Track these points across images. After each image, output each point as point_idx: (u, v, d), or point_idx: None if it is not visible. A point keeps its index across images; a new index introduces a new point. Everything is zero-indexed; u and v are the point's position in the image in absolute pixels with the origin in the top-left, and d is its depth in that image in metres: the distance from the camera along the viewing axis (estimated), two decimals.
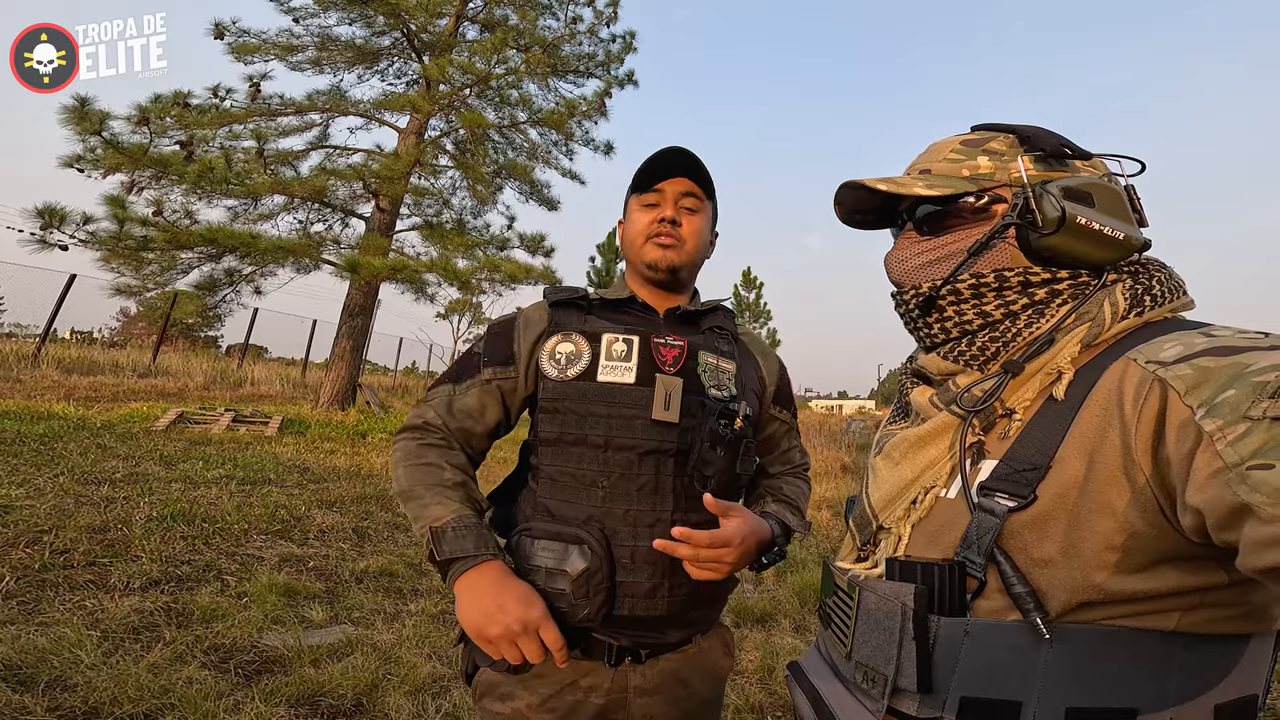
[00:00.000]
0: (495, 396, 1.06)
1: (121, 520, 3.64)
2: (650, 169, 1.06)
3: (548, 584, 0.92)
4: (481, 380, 1.06)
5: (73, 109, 7.16)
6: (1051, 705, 0.53)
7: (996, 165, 0.68)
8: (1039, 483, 0.57)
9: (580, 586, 0.91)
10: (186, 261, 9.04)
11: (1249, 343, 0.51)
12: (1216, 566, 0.52)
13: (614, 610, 0.93)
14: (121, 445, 5.78)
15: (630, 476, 0.96)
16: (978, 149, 0.69)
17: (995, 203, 0.67)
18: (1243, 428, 0.44)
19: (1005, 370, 0.64)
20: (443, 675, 2.44)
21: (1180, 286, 0.65)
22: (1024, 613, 0.55)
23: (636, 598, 0.94)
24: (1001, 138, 0.69)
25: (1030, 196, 0.64)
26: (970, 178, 0.68)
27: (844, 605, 0.68)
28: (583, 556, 0.92)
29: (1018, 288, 0.65)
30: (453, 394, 1.07)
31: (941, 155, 0.71)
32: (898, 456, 0.71)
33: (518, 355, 1.06)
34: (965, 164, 0.69)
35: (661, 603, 0.95)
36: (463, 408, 1.06)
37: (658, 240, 1.06)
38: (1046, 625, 0.54)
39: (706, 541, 0.90)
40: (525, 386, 1.06)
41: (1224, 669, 0.54)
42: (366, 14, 10.07)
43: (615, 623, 0.95)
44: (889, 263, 0.76)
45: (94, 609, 2.56)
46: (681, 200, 1.07)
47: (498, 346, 1.07)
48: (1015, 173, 0.67)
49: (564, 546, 0.93)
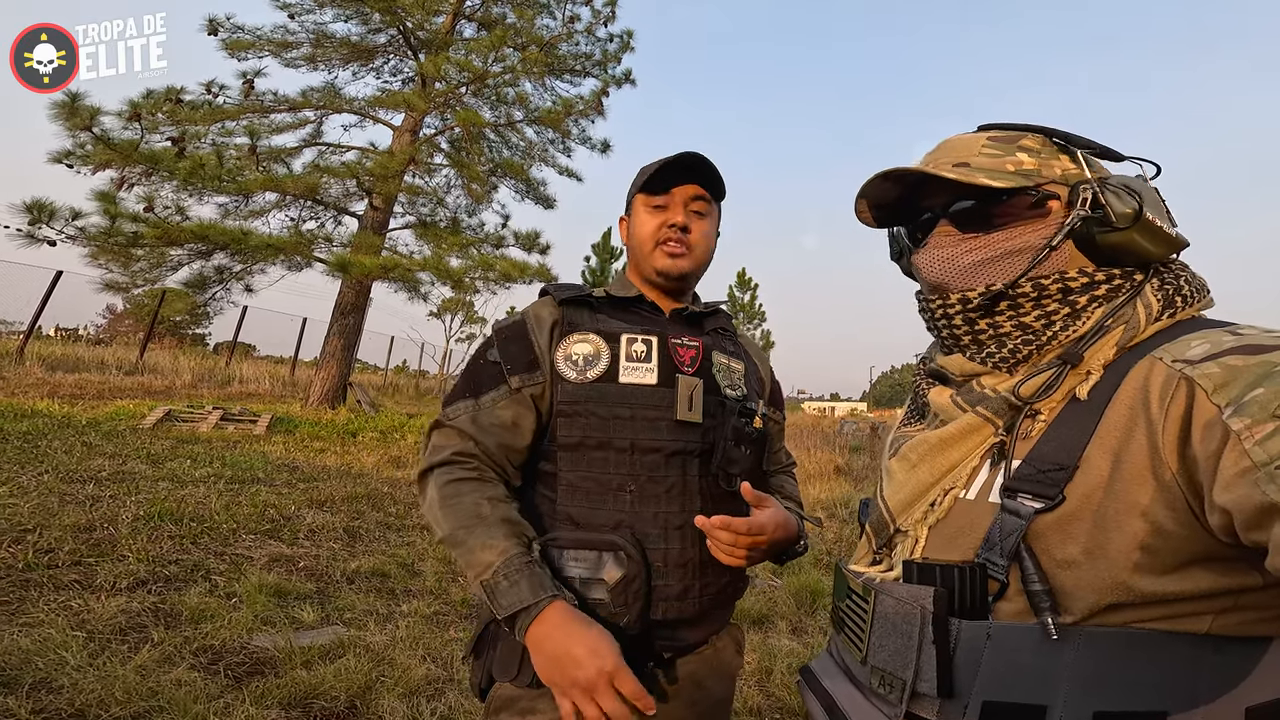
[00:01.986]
0: (528, 405, 0.99)
1: (108, 519, 3.58)
2: (662, 172, 1.03)
3: (584, 594, 0.89)
4: (510, 390, 0.99)
5: (63, 104, 7.08)
6: (1078, 709, 0.52)
7: (1039, 162, 0.65)
8: (1066, 483, 0.56)
9: (619, 595, 0.89)
10: (176, 258, 8.97)
11: (1277, 341, 0.50)
12: (1249, 568, 0.51)
13: (649, 615, 0.91)
14: (107, 443, 5.70)
15: (658, 479, 0.94)
16: (1013, 145, 0.67)
17: (1049, 199, 0.65)
18: (1271, 426, 0.44)
19: (1063, 360, 0.61)
20: (437, 677, 2.40)
21: (1204, 286, 0.65)
22: (1036, 612, 0.54)
23: (670, 600, 0.93)
24: (1031, 136, 0.67)
25: (1099, 192, 0.62)
26: (1019, 173, 0.65)
27: (859, 609, 0.67)
28: (619, 564, 0.90)
29: (1058, 295, 0.63)
30: (476, 410, 0.99)
31: (974, 150, 0.67)
32: (915, 459, 0.69)
33: (541, 358, 1.00)
34: (1007, 159, 0.66)
35: (693, 604, 0.94)
36: (495, 422, 0.98)
37: (667, 248, 1.04)
38: (1070, 627, 0.53)
39: (745, 529, 0.88)
40: (551, 389, 1.00)
41: (1256, 671, 0.53)
42: (362, 11, 10.03)
43: (649, 627, 0.93)
44: (927, 263, 0.69)
45: (80, 609, 2.50)
46: (691, 204, 1.05)
47: (519, 351, 1.01)
48: (1060, 170, 0.65)
49: (597, 555, 0.91)
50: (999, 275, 0.65)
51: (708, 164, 1.04)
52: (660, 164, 1.03)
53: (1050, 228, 0.64)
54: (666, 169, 1.03)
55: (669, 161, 1.03)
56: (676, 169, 1.04)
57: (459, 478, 0.95)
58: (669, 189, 1.05)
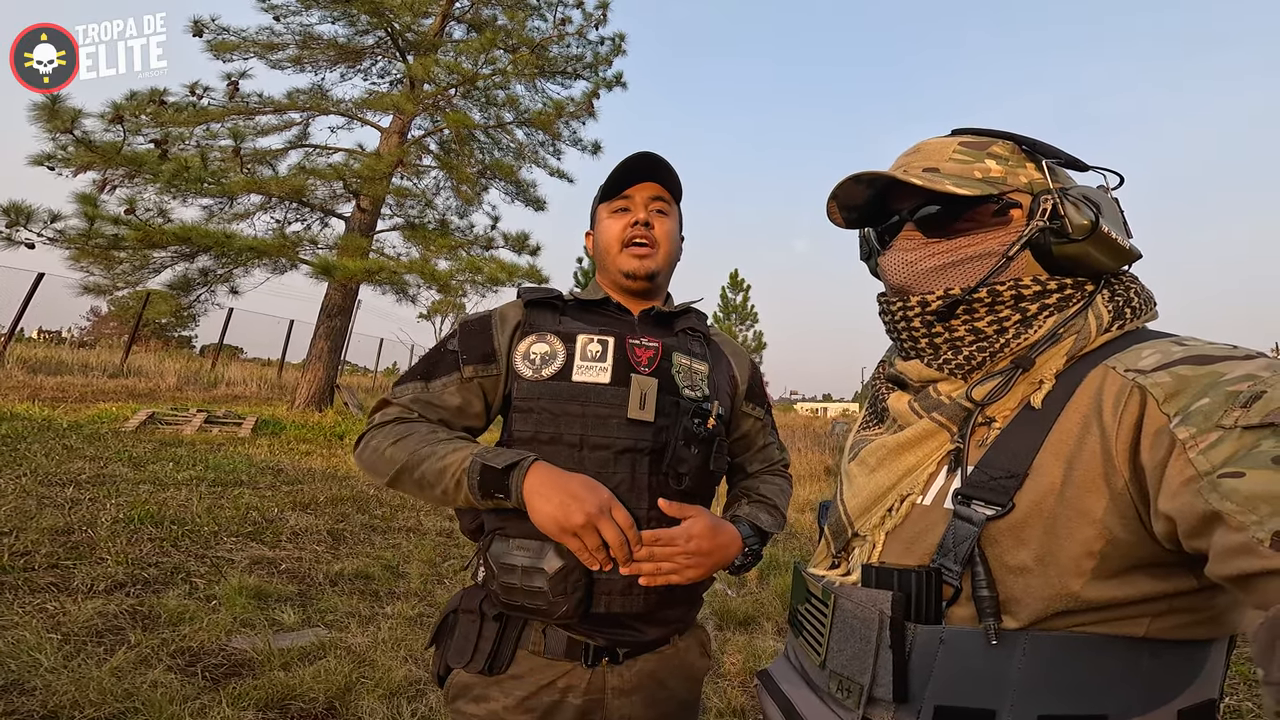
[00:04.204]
0: (478, 393, 1.04)
1: (86, 522, 3.54)
2: (619, 175, 1.07)
3: (525, 582, 0.91)
4: (462, 378, 1.03)
5: (44, 106, 7.00)
6: (1024, 712, 0.53)
7: (1005, 170, 0.66)
8: (1016, 491, 0.56)
9: (558, 584, 0.90)
10: (159, 260, 8.87)
11: (1224, 352, 0.52)
12: (1187, 573, 0.52)
13: (591, 607, 0.93)
14: (89, 446, 5.63)
15: (606, 475, 0.95)
16: (983, 152, 0.67)
17: (1011, 208, 0.65)
18: (1214, 436, 0.45)
19: (1016, 365, 0.62)
20: (419, 678, 2.39)
21: (1151, 299, 0.66)
22: (981, 617, 0.55)
23: (613, 594, 0.93)
24: (1001, 143, 0.68)
25: (1059, 202, 0.62)
26: (985, 180, 0.65)
27: (818, 613, 0.67)
28: (559, 554, 0.91)
29: (1010, 301, 0.64)
30: (424, 392, 1.03)
31: (945, 155, 0.68)
32: (874, 463, 0.70)
33: (499, 352, 1.04)
34: (975, 166, 0.66)
35: (638, 599, 0.95)
36: (441, 404, 1.03)
37: (633, 251, 1.06)
38: (1016, 632, 0.54)
39: (652, 540, 0.91)
40: (505, 385, 1.04)
41: (1186, 674, 0.54)
42: (349, 13, 9.97)
43: (593, 620, 0.94)
44: (891, 266, 0.70)
45: (55, 612, 2.47)
46: (651, 204, 1.08)
47: (477, 344, 1.05)
48: (1025, 178, 0.66)
49: (540, 544, 0.92)
50: (958, 280, 0.66)
51: (663, 163, 1.06)
52: (617, 170, 1.06)
53: (1011, 235, 0.65)
54: (622, 172, 1.06)
55: (625, 165, 1.05)
56: (633, 171, 1.07)
57: (407, 421, 1.01)
58: (627, 191, 1.08)
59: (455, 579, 3.63)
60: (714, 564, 0.97)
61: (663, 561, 0.92)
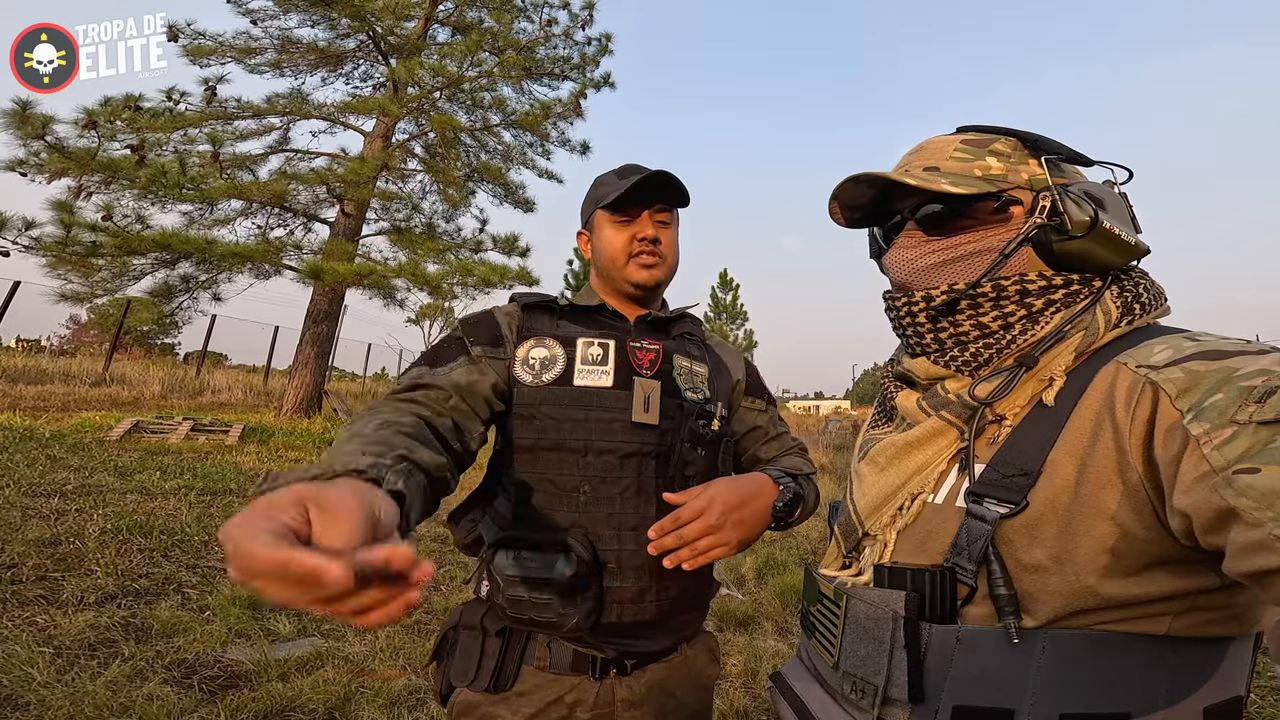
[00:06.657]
0: (488, 372, 0.96)
1: (74, 533, 3.47)
2: (631, 196, 1.02)
3: (533, 595, 0.90)
4: (470, 359, 0.96)
5: (13, 112, 6.83)
6: (1045, 712, 0.52)
7: (1006, 167, 0.66)
8: (1030, 489, 0.56)
9: (568, 595, 0.89)
10: (139, 267, 8.71)
11: (1237, 348, 0.51)
12: (1207, 570, 0.52)
13: (602, 618, 0.91)
14: (73, 456, 5.52)
15: (612, 480, 0.94)
16: (984, 149, 0.67)
17: (1011, 204, 0.65)
18: (1229, 431, 0.45)
19: (1020, 364, 0.62)
20: (419, 688, 2.38)
21: (1162, 294, 0.66)
22: (1000, 616, 0.55)
23: (625, 603, 0.92)
24: (1004, 140, 0.68)
25: (1058, 199, 0.62)
26: (984, 178, 0.66)
27: (830, 613, 0.67)
28: (568, 564, 0.89)
29: (1015, 296, 0.64)
30: (430, 375, 0.93)
31: (946, 154, 0.68)
32: (883, 462, 0.70)
33: (506, 339, 1.00)
34: (975, 164, 0.66)
35: (650, 607, 0.93)
36: (447, 383, 0.92)
37: (641, 261, 1.04)
38: (1035, 630, 0.54)
39: (689, 517, 0.86)
40: (510, 380, 0.99)
41: (1210, 671, 0.54)
42: (329, 16, 9.85)
43: (603, 631, 0.92)
44: (892, 263, 0.71)
45: (46, 625, 2.43)
46: (656, 215, 1.06)
47: (483, 330, 1.01)
48: (1027, 175, 0.66)
49: (548, 555, 0.91)
50: (960, 275, 0.66)
51: (674, 183, 1.03)
52: (628, 187, 1.01)
53: (1011, 233, 0.65)
54: (635, 193, 1.02)
55: (636, 185, 1.01)
56: (646, 193, 1.03)
57: (382, 403, 0.87)
58: (637, 210, 1.04)
59: (451, 586, 3.61)
60: (754, 516, 0.91)
61: (698, 539, 0.86)
